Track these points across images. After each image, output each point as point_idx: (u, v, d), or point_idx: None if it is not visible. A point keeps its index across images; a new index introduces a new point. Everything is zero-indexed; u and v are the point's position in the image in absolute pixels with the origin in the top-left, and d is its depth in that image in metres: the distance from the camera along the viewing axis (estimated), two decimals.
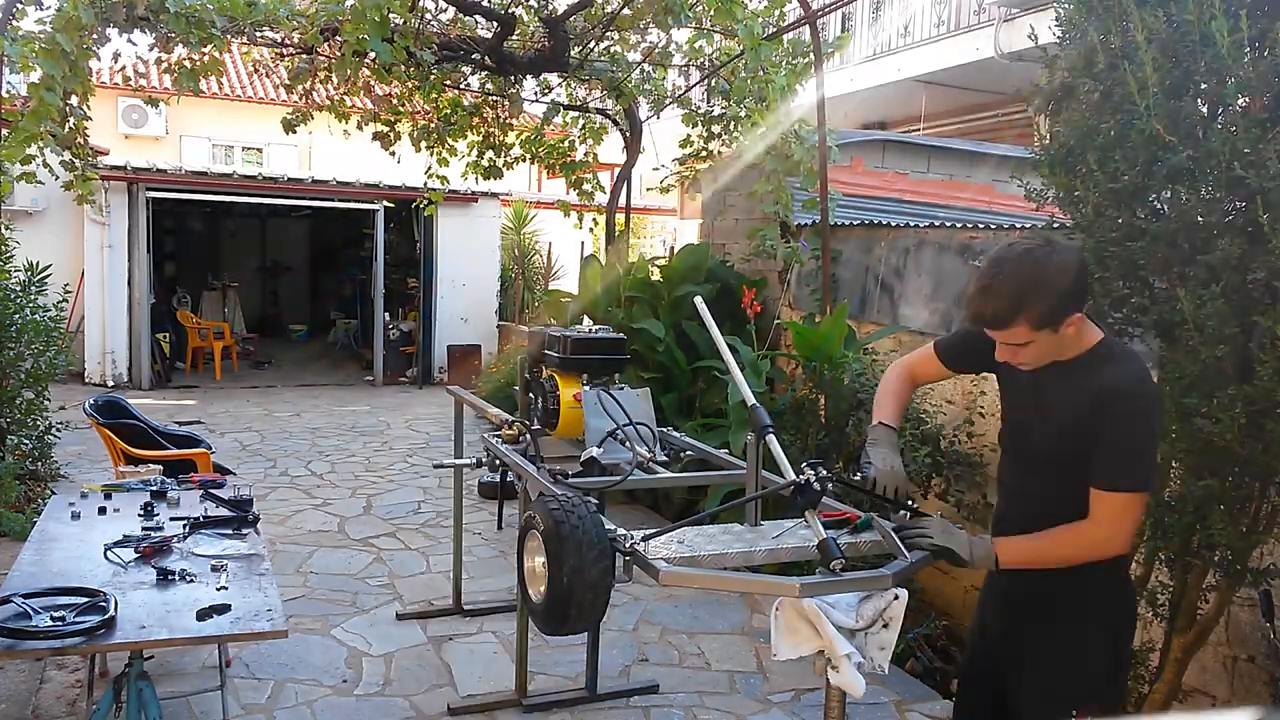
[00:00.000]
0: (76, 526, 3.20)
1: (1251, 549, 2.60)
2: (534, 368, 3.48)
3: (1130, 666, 2.30)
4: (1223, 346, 2.31)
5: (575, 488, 2.64)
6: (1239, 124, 2.24)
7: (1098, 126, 2.66)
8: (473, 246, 12.71)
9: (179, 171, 11.25)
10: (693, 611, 4.70)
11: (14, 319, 5.84)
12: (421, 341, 12.58)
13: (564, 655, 4.09)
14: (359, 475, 7.37)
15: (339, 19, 5.58)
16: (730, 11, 5.52)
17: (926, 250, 5.00)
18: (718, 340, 2.50)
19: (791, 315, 6.28)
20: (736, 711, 3.72)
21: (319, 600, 4.71)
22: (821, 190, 5.55)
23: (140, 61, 6.19)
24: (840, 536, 2.03)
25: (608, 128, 8.37)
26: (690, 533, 2.07)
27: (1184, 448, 2.55)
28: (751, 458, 2.32)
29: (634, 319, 6.24)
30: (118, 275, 11.07)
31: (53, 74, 4.99)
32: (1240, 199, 2.34)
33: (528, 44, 7.21)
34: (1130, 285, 2.66)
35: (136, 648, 2.52)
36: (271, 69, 7.42)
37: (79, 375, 11.16)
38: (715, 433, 5.46)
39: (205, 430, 7.65)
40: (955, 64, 9.23)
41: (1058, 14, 2.81)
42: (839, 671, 1.79)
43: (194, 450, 5.16)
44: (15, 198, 9.86)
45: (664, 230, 16.40)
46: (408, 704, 3.68)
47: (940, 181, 7.23)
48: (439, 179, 8.30)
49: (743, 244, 6.69)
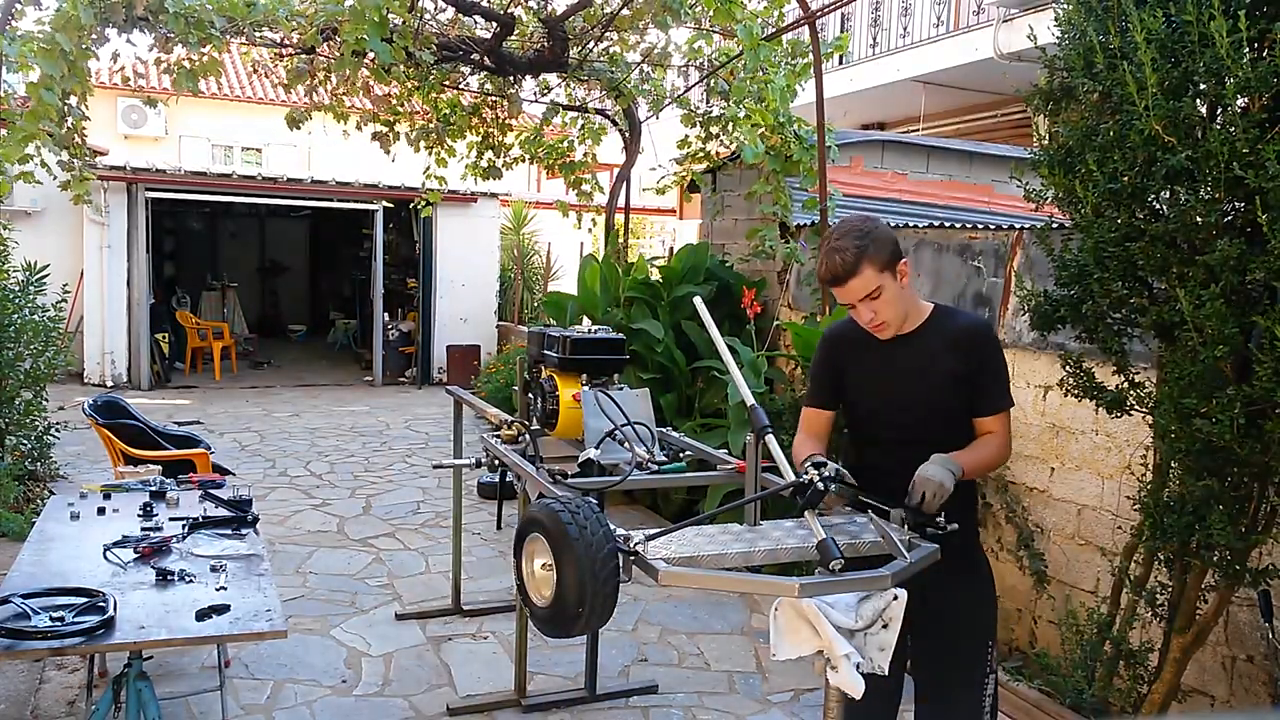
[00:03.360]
0: (75, 527, 3.20)
1: (1250, 549, 2.60)
2: (533, 368, 3.48)
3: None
4: (1221, 347, 2.31)
5: (575, 488, 2.64)
6: (1238, 124, 2.24)
7: (1097, 127, 2.66)
8: (472, 247, 12.72)
9: (178, 172, 11.25)
10: (692, 612, 4.70)
11: (13, 319, 5.84)
12: (421, 342, 12.58)
13: (563, 655, 4.09)
14: (358, 475, 7.36)
15: (338, 19, 5.57)
16: (729, 12, 5.51)
17: (926, 250, 5.00)
18: (717, 340, 2.50)
19: (791, 315, 6.28)
20: (736, 711, 3.72)
21: (318, 600, 4.71)
22: (821, 190, 5.55)
23: (139, 62, 6.19)
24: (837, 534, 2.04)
25: (606, 128, 8.37)
26: (690, 533, 2.07)
27: (1183, 448, 2.55)
28: (751, 458, 2.32)
29: (633, 319, 6.24)
30: (117, 275, 11.07)
31: (51, 74, 4.99)
32: (1239, 199, 2.34)
33: (527, 44, 7.21)
34: (1129, 286, 2.66)
35: (135, 648, 2.52)
36: (271, 69, 7.41)
37: (78, 375, 11.17)
38: (715, 433, 5.46)
39: (204, 430, 7.64)
40: (954, 64, 9.23)
41: (1057, 14, 2.81)
42: (838, 672, 1.79)
43: (193, 450, 5.16)
44: (14, 198, 9.86)
45: (663, 230, 16.41)
46: (407, 704, 3.68)
47: (939, 181, 7.22)
48: (438, 179, 8.30)
49: (742, 244, 6.69)
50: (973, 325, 2.35)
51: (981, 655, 2.39)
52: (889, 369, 2.35)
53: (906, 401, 2.33)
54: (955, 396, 2.29)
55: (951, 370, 2.27)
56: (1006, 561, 4.23)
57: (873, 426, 2.43)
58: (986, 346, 2.31)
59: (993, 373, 2.29)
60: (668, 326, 6.15)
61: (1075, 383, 2.98)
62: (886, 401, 2.37)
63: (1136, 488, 2.93)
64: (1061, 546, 3.99)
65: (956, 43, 9.23)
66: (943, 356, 2.28)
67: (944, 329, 2.32)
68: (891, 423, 2.36)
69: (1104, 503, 3.80)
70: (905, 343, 2.33)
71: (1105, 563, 3.69)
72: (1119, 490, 3.68)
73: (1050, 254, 2.94)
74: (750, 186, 6.49)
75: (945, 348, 2.29)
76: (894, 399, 2.35)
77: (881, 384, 2.37)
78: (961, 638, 2.38)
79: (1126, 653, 3.09)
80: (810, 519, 2.01)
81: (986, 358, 2.29)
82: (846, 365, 2.43)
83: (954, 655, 2.39)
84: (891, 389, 2.36)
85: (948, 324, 2.33)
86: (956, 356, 2.27)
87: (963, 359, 2.27)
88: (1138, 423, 3.03)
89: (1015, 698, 3.52)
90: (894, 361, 2.34)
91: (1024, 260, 4.23)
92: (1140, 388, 2.82)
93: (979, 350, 2.29)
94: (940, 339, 2.30)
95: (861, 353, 2.39)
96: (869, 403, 2.42)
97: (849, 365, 2.43)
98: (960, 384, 2.28)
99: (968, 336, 2.30)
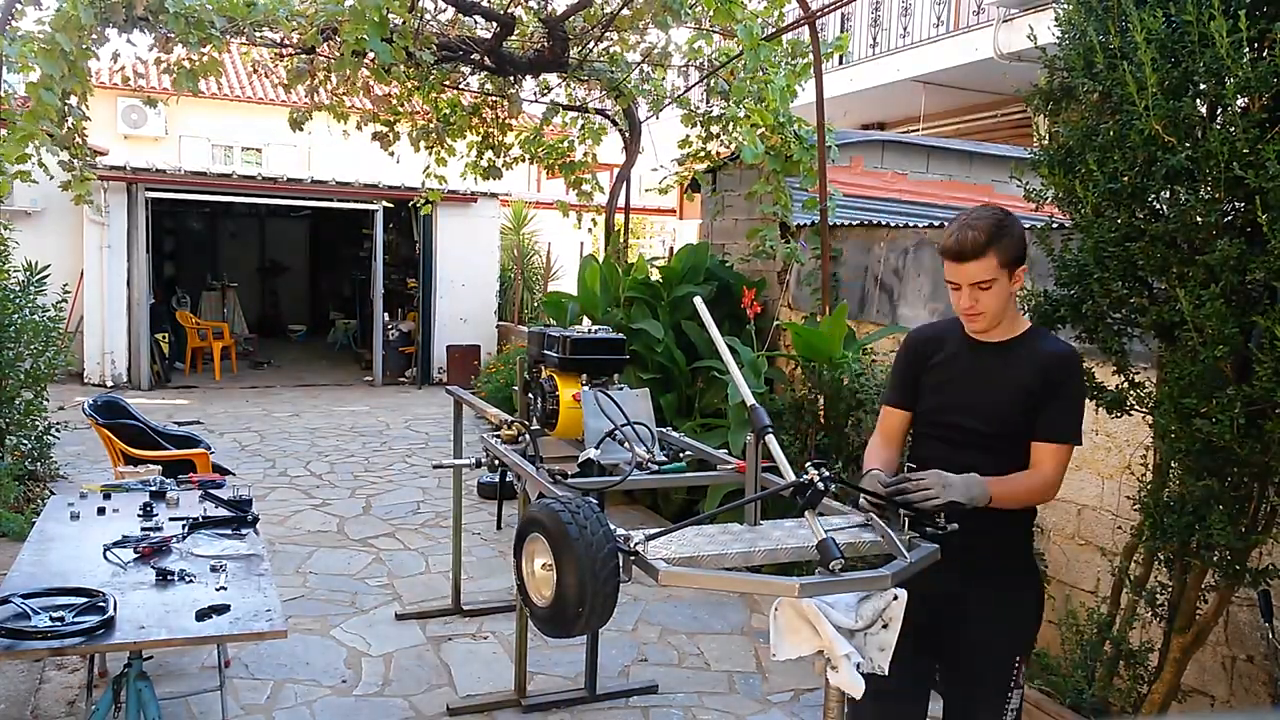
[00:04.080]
0: (76, 527, 3.20)
1: (1250, 549, 2.60)
2: (533, 368, 3.48)
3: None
4: (1221, 347, 2.31)
5: (575, 488, 2.64)
6: (1238, 124, 2.24)
7: (1097, 127, 2.66)
8: (472, 247, 12.72)
9: (178, 172, 11.25)
10: (692, 612, 4.70)
11: (13, 319, 5.84)
12: (421, 342, 12.58)
13: (563, 655, 4.09)
14: (358, 475, 7.37)
15: (338, 19, 5.57)
16: (730, 12, 5.51)
17: (926, 250, 5.01)
18: (717, 340, 2.49)
19: (791, 315, 6.28)
20: (736, 711, 3.72)
21: (318, 600, 4.71)
22: (821, 190, 5.55)
23: (140, 62, 6.19)
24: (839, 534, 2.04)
25: (607, 128, 8.37)
26: (690, 533, 2.07)
27: (1183, 448, 2.55)
28: (751, 458, 2.32)
29: (633, 319, 6.24)
30: (117, 275, 11.07)
31: (51, 74, 4.99)
32: (1239, 199, 2.34)
33: (527, 44, 7.21)
34: (1129, 286, 2.66)
35: (135, 648, 2.52)
36: (271, 69, 7.42)
37: (78, 375, 11.17)
38: (715, 433, 5.46)
39: (204, 430, 7.63)
40: (954, 64, 9.23)
41: (1057, 14, 2.81)
42: (838, 672, 1.79)
43: (193, 450, 5.16)
44: (14, 198, 9.86)
45: (663, 230, 16.41)
46: (407, 704, 3.68)
47: (940, 181, 7.22)
48: (438, 179, 8.30)
49: (742, 244, 6.69)
50: (1063, 352, 2.29)
51: (1009, 672, 2.34)
52: (970, 372, 2.34)
53: (978, 408, 2.31)
54: (1024, 415, 2.25)
55: (1029, 388, 2.24)
56: None
57: (938, 426, 2.40)
58: (1070, 375, 2.26)
59: (1065, 401, 2.24)
60: (668, 326, 6.15)
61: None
62: (959, 403, 2.34)
63: (1136, 488, 2.93)
64: (1061, 546, 3.99)
65: (956, 43, 9.23)
66: (1025, 374, 2.25)
67: (1035, 348, 2.29)
68: (957, 425, 2.34)
69: (1104, 503, 3.80)
70: (994, 351, 2.32)
71: (1105, 563, 3.69)
72: (1119, 490, 3.69)
73: (1050, 254, 2.94)
74: (750, 186, 6.49)
75: (1031, 366, 2.26)
76: (967, 402, 2.33)
77: (959, 385, 2.35)
78: (995, 654, 2.34)
79: (1126, 653, 3.09)
80: (810, 519, 2.00)
81: (1065, 385, 2.25)
82: (929, 364, 2.40)
83: (984, 674, 2.35)
84: (968, 392, 2.33)
85: (1040, 345, 2.30)
86: (1036, 377, 2.24)
87: (1041, 380, 2.24)
88: (1138, 423, 3.03)
89: None
90: (977, 366, 2.33)
91: None
92: (1140, 388, 2.82)
93: (1061, 376, 2.25)
94: (1029, 356, 2.27)
95: (947, 353, 2.38)
96: (945, 402, 2.38)
97: (931, 363, 2.40)
98: (1031, 403, 2.24)
99: (1056, 360, 2.26)
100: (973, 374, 2.33)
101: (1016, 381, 2.26)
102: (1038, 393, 2.23)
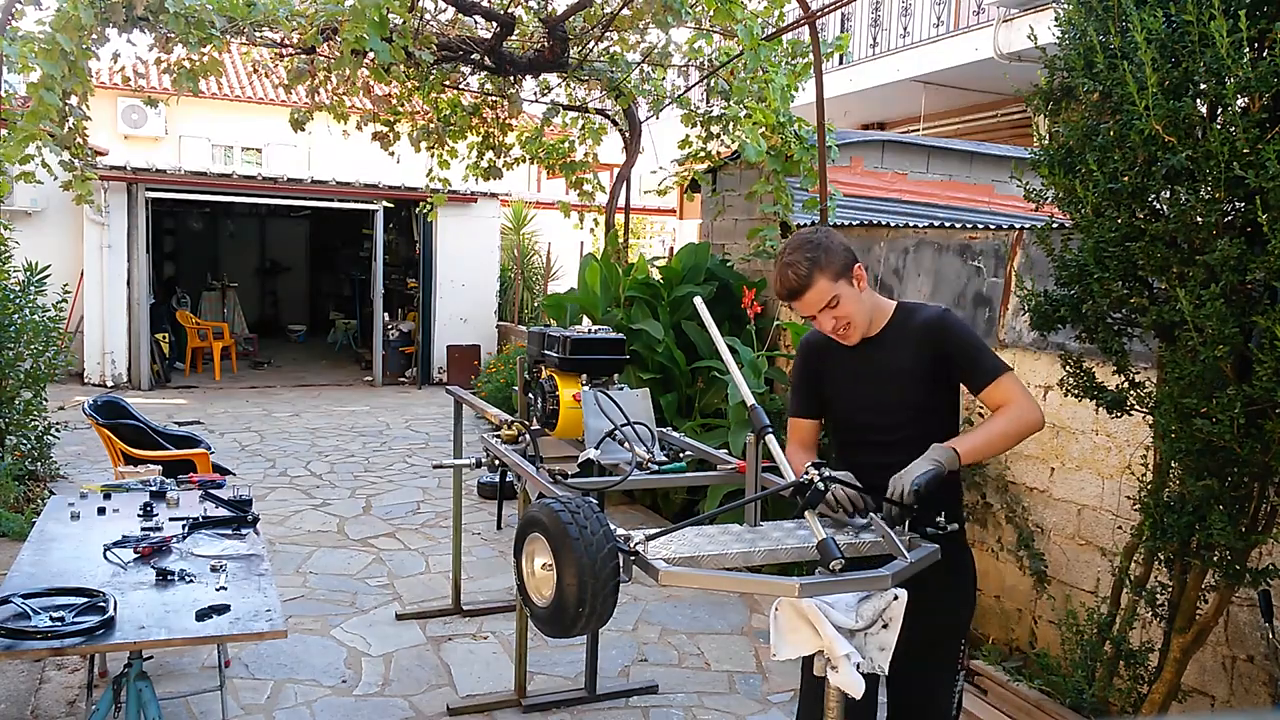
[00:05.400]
0: (76, 527, 3.20)
1: (1250, 549, 2.60)
2: (533, 368, 3.48)
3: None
4: (1222, 347, 2.31)
5: (575, 488, 2.64)
6: (1238, 124, 2.24)
7: (1097, 127, 2.66)
8: (472, 247, 12.72)
9: (178, 172, 11.25)
10: (692, 612, 4.70)
11: (13, 319, 5.84)
12: (421, 342, 12.59)
13: (563, 655, 4.09)
14: (358, 475, 7.37)
15: (338, 19, 5.57)
16: (730, 12, 5.51)
17: (926, 250, 5.01)
18: (717, 340, 2.50)
19: (791, 315, 6.28)
20: (736, 711, 3.72)
21: (318, 600, 4.71)
22: (821, 190, 5.55)
23: (140, 62, 6.19)
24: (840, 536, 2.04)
25: (607, 128, 8.37)
26: (690, 533, 2.07)
27: (1183, 448, 2.55)
28: (751, 458, 2.32)
29: (633, 319, 6.24)
30: (117, 275, 11.07)
31: (52, 74, 4.99)
32: (1239, 199, 2.34)
33: (527, 44, 7.21)
34: (1129, 286, 2.66)
35: (136, 648, 2.52)
36: (271, 69, 7.42)
37: (78, 375, 11.17)
38: (715, 433, 5.46)
39: (204, 430, 7.65)
40: (954, 64, 9.23)
41: (1057, 14, 2.81)
42: (838, 672, 1.79)
43: (193, 450, 5.16)
44: (14, 198, 9.88)
45: (663, 230, 16.41)
46: (407, 704, 3.68)
47: (940, 181, 7.22)
48: (441, 181, 8.30)
49: (742, 244, 6.69)
50: (929, 318, 2.33)
51: (956, 654, 2.40)
52: (864, 372, 2.37)
53: (885, 403, 2.34)
54: (932, 393, 2.31)
55: (921, 366, 2.29)
56: (1006, 561, 4.23)
57: (857, 430, 2.43)
58: (946, 332, 2.30)
59: (963, 351, 2.28)
60: (668, 326, 6.15)
61: (1075, 383, 2.98)
62: (866, 405, 2.38)
63: (1136, 488, 2.93)
64: (1061, 546, 3.99)
65: (956, 43, 9.23)
66: (911, 354, 2.30)
67: (906, 327, 2.34)
68: (874, 425, 2.37)
69: (1104, 503, 3.80)
70: (874, 345, 2.36)
71: (1105, 563, 3.69)
72: (1119, 490, 3.69)
73: (1050, 254, 2.94)
74: (751, 186, 6.49)
75: (911, 346, 2.31)
76: (873, 402, 2.37)
77: (859, 388, 2.39)
78: (942, 636, 2.37)
79: (1126, 653, 3.09)
80: (810, 519, 2.01)
81: (950, 342, 2.29)
82: (824, 372, 2.45)
83: (933, 654, 2.37)
84: (870, 392, 2.37)
85: (909, 322, 2.34)
86: (923, 352, 2.29)
87: (929, 352, 2.29)
88: (1138, 423, 3.03)
89: (1015, 698, 3.52)
90: (867, 364, 2.36)
91: (1024, 260, 4.23)
92: (1140, 388, 2.82)
93: (940, 339, 2.29)
94: (905, 338, 2.33)
95: (836, 358, 2.41)
96: (850, 406, 2.43)
97: (826, 372, 2.44)
98: (935, 379, 2.30)
99: (926, 330, 2.30)
100: (864, 374, 2.37)
101: (899, 365, 2.31)
102: (932, 367, 2.29)
